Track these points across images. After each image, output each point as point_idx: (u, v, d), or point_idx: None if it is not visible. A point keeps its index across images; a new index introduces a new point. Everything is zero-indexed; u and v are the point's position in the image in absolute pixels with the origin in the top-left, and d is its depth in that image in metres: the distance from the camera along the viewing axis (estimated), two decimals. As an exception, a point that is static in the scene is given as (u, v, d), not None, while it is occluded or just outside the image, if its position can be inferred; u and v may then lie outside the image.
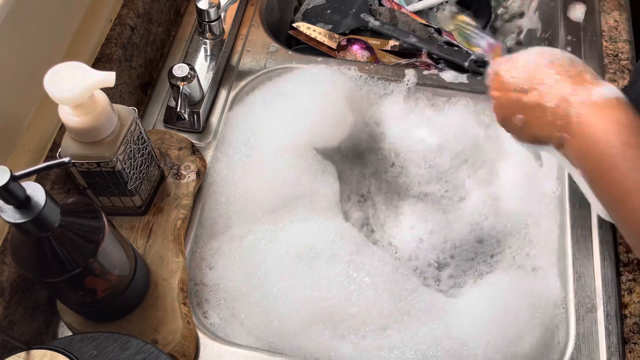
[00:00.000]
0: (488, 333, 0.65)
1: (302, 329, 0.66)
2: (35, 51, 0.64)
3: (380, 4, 0.96)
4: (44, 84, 0.52)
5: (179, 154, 0.74)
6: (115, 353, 0.55)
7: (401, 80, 0.84)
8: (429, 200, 0.81)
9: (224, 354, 0.65)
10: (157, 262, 0.67)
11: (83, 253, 0.52)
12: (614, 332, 0.66)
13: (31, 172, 0.47)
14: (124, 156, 0.61)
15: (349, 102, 0.81)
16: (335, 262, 0.69)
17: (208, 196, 0.75)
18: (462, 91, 0.83)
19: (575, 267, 0.70)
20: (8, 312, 0.60)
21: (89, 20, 0.73)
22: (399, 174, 0.83)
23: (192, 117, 0.79)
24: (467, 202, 0.79)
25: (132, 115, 0.62)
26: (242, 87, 0.84)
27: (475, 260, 0.77)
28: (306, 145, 0.77)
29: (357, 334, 0.66)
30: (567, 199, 0.74)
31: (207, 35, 0.84)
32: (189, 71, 0.74)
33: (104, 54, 0.74)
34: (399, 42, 0.89)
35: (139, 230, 0.69)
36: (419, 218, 0.80)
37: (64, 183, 0.67)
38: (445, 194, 0.81)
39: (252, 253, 0.71)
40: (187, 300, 0.66)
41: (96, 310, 0.61)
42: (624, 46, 0.86)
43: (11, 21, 0.58)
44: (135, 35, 0.79)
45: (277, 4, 0.99)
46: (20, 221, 0.46)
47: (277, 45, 0.88)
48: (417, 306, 0.68)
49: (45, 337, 0.67)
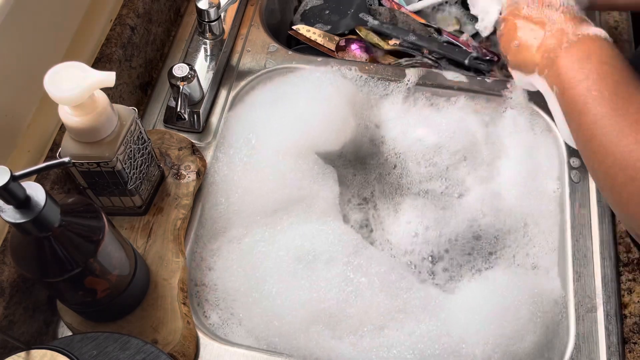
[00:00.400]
0: (487, 331, 0.65)
1: (301, 329, 0.66)
2: (35, 51, 0.64)
3: (380, 4, 0.96)
4: (44, 84, 0.52)
5: (179, 154, 0.74)
6: (115, 353, 0.55)
7: (401, 80, 0.84)
8: (429, 197, 0.81)
9: (224, 354, 0.65)
10: (157, 262, 0.67)
11: (83, 253, 0.52)
12: (614, 332, 0.66)
13: (31, 172, 0.47)
14: (124, 156, 0.61)
15: (349, 102, 0.81)
16: (334, 264, 0.69)
17: (208, 196, 0.75)
18: (463, 90, 0.83)
19: (575, 267, 0.70)
20: (8, 312, 0.60)
21: (89, 20, 0.73)
22: (400, 175, 0.83)
23: (192, 117, 0.79)
24: (467, 200, 0.79)
25: (132, 115, 0.62)
26: (242, 87, 0.84)
27: (472, 255, 0.77)
28: (307, 145, 0.77)
29: (356, 334, 0.66)
30: (567, 198, 0.74)
31: (207, 35, 0.84)
32: (189, 71, 0.74)
33: (104, 54, 0.74)
34: (399, 41, 0.89)
35: (139, 230, 0.69)
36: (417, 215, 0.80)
37: (64, 183, 0.67)
38: (445, 190, 0.81)
39: (252, 254, 0.71)
40: (187, 300, 0.66)
41: (96, 310, 0.61)
42: (624, 46, 0.86)
43: (11, 21, 0.58)
44: (135, 35, 0.79)
45: (277, 4, 0.99)
46: (20, 221, 0.46)
47: (277, 45, 0.88)
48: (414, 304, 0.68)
49: (45, 337, 0.67)
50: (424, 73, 0.84)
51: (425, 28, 0.91)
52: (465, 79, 0.83)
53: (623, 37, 0.87)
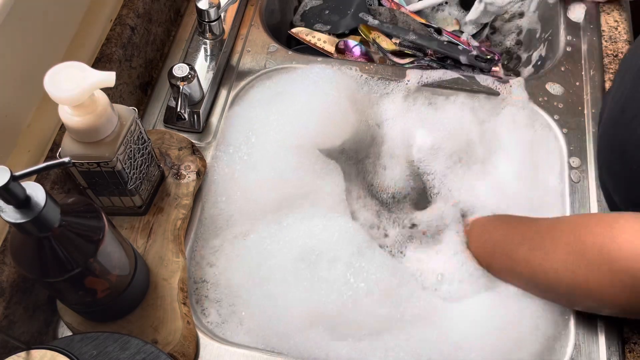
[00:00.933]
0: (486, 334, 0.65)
1: (300, 330, 0.66)
2: (35, 51, 0.64)
3: (379, 4, 0.96)
4: (44, 84, 0.52)
5: (179, 154, 0.74)
6: (115, 353, 0.55)
7: (401, 80, 0.84)
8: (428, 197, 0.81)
9: (224, 353, 0.65)
10: (157, 262, 0.67)
11: (83, 253, 0.52)
12: (614, 332, 0.66)
13: (31, 172, 0.47)
14: (124, 156, 0.61)
15: (350, 102, 0.81)
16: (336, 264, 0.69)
17: (208, 196, 0.75)
18: (463, 90, 0.83)
19: (575, 267, 0.70)
20: (8, 312, 0.60)
21: (89, 20, 0.73)
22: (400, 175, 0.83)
23: (192, 117, 0.79)
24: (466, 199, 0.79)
25: (132, 115, 0.62)
26: (242, 87, 0.84)
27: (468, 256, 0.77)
28: (307, 145, 0.77)
29: (355, 336, 0.66)
30: (567, 198, 0.74)
31: (207, 35, 0.84)
32: (189, 71, 0.74)
33: (104, 54, 0.74)
34: (399, 40, 0.89)
35: (139, 230, 0.69)
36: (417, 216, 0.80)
37: (64, 183, 0.67)
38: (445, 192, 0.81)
39: (253, 252, 0.71)
40: (187, 300, 0.66)
41: (96, 310, 0.61)
42: (624, 46, 0.86)
43: (11, 21, 0.58)
44: (135, 35, 0.79)
45: (277, 4, 0.99)
46: (20, 221, 0.46)
47: (277, 45, 0.88)
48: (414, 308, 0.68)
49: (45, 337, 0.67)
50: (424, 72, 0.84)
51: (425, 28, 0.91)
52: (465, 78, 0.83)
53: (623, 37, 0.87)
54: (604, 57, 0.85)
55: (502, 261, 0.68)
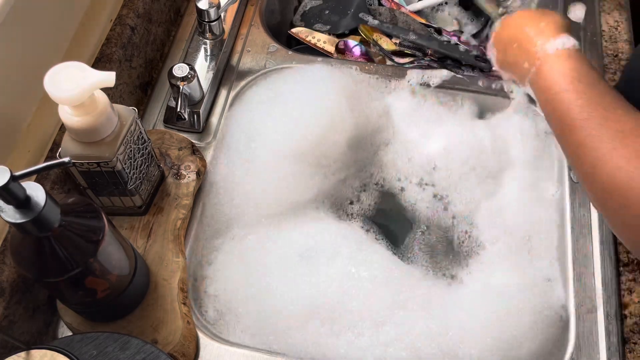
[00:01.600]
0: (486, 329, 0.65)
1: (298, 328, 0.66)
2: (35, 51, 0.64)
3: (379, 4, 0.96)
4: (44, 84, 0.52)
5: (179, 154, 0.74)
6: (115, 353, 0.55)
7: (402, 80, 0.84)
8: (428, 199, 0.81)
9: (224, 353, 0.65)
10: (157, 262, 0.67)
11: (83, 253, 0.52)
12: (614, 332, 0.66)
13: (31, 172, 0.47)
14: (124, 156, 0.61)
15: (350, 102, 0.81)
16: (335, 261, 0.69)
17: (208, 196, 0.75)
18: (463, 90, 0.83)
19: (576, 267, 0.70)
20: (8, 312, 0.60)
21: (89, 20, 0.73)
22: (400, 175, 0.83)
23: (192, 117, 0.79)
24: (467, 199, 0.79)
25: (132, 115, 0.62)
26: (242, 87, 0.84)
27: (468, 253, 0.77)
28: (306, 145, 0.77)
29: (354, 331, 0.66)
30: (568, 199, 0.74)
31: (207, 35, 0.84)
32: (189, 71, 0.74)
33: (104, 54, 0.74)
34: (399, 40, 0.89)
35: (139, 230, 0.69)
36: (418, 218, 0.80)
37: (64, 183, 0.67)
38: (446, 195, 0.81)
39: (253, 252, 0.71)
40: (187, 300, 0.66)
41: (96, 310, 0.61)
42: (624, 46, 0.86)
43: (11, 21, 0.58)
44: (135, 35, 0.79)
45: (277, 4, 0.99)
46: (20, 221, 0.46)
47: (277, 45, 0.88)
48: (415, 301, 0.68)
49: (45, 337, 0.67)
50: (424, 72, 0.84)
51: (425, 28, 0.91)
52: (465, 78, 0.83)
53: (623, 37, 0.87)
54: (604, 57, 0.85)
55: (561, 127, 0.62)
